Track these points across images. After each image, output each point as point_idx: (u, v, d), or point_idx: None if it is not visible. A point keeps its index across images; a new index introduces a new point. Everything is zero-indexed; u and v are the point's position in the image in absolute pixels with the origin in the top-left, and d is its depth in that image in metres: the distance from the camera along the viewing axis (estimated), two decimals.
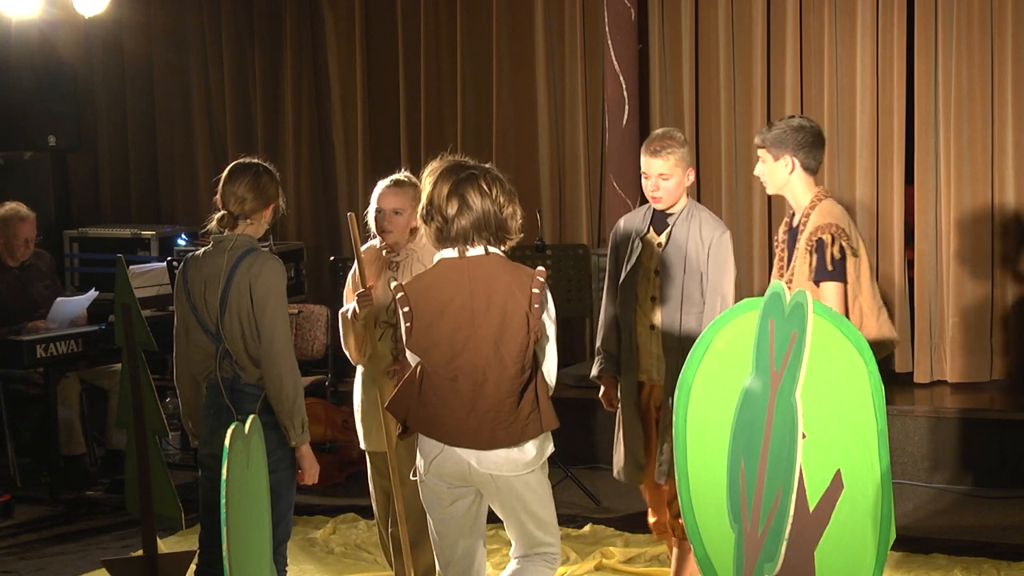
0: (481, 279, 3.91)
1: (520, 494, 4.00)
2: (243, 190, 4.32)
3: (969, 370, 7.35)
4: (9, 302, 7.00)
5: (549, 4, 8.15)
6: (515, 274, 3.94)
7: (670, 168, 4.69)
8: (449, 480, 3.99)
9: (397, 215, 4.74)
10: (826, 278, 4.30)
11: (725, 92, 7.74)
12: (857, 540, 2.94)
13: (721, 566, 3.23)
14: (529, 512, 4.04)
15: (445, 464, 3.98)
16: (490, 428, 3.93)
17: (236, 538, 3.02)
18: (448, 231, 3.90)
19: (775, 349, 3.05)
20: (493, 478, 3.96)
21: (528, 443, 3.96)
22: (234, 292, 4.21)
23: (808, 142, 4.45)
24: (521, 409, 3.94)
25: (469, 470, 3.96)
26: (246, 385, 4.23)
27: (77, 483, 6.99)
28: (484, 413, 3.92)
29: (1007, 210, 7.28)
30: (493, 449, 3.94)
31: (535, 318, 3.90)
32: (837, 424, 2.96)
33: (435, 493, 4.03)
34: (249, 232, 4.33)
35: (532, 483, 4.01)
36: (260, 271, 4.20)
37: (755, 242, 7.74)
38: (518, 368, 3.91)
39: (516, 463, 3.96)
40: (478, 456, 3.95)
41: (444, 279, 3.95)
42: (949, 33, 7.28)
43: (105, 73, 9.32)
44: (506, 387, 3.91)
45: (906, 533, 5.68)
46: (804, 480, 2.99)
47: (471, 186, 3.90)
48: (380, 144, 8.65)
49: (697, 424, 3.29)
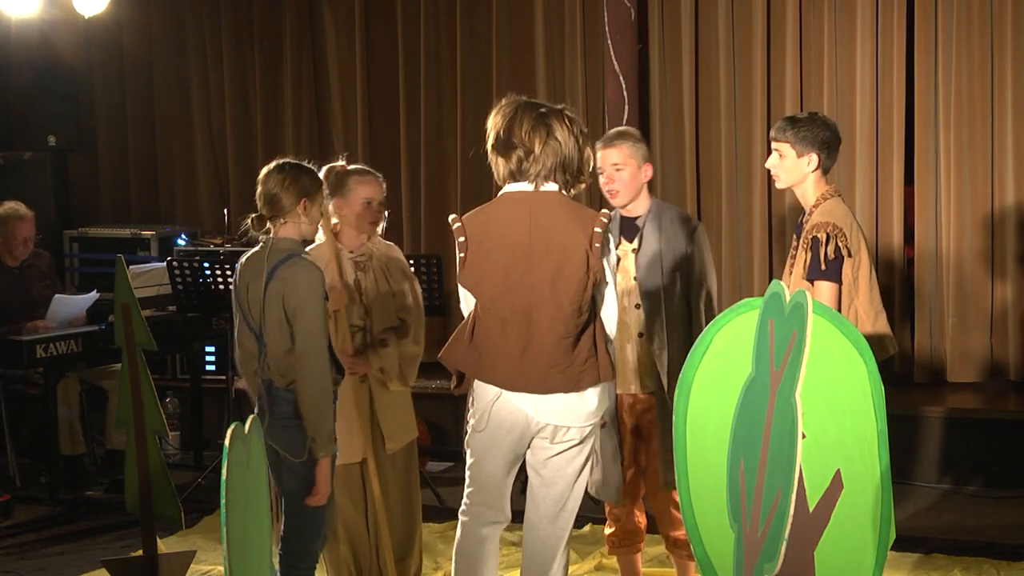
0: (542, 214, 3.79)
1: (577, 458, 3.87)
2: (265, 189, 4.20)
3: (969, 370, 7.35)
4: (9, 302, 7.00)
5: (549, 4, 8.15)
6: (577, 213, 3.82)
7: (623, 159, 4.65)
8: (503, 428, 3.84)
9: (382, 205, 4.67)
10: (819, 277, 4.27)
11: (725, 92, 7.74)
12: (857, 540, 2.94)
13: (721, 566, 3.23)
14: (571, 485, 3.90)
15: (503, 411, 3.84)
16: (544, 371, 3.78)
17: (236, 538, 3.02)
18: (528, 167, 3.79)
19: (775, 349, 3.05)
20: (555, 430, 3.82)
21: (588, 391, 3.83)
22: (270, 299, 4.12)
23: (832, 142, 4.42)
24: (578, 353, 3.80)
25: (527, 421, 3.82)
26: (279, 389, 4.17)
27: (77, 483, 6.99)
28: (539, 355, 3.78)
29: (1007, 210, 7.28)
30: (549, 393, 3.80)
31: (595, 258, 3.77)
32: (837, 424, 2.96)
33: (494, 441, 3.87)
34: (288, 233, 4.18)
35: (590, 441, 3.89)
36: (294, 282, 4.08)
37: (755, 242, 7.73)
38: (574, 308, 3.78)
39: (578, 412, 3.83)
40: (535, 405, 3.81)
41: (504, 212, 3.83)
42: (949, 33, 7.28)
43: (105, 73, 9.31)
44: (561, 328, 3.78)
45: (906, 533, 5.67)
46: (804, 480, 2.99)
47: (557, 120, 3.80)
48: (380, 144, 8.65)
49: (697, 424, 3.29)
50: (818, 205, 4.39)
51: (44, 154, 8.72)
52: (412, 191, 8.49)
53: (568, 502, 3.99)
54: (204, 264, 6.88)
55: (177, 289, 6.89)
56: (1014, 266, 7.28)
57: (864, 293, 4.31)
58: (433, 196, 8.46)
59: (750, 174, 7.72)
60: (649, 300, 4.64)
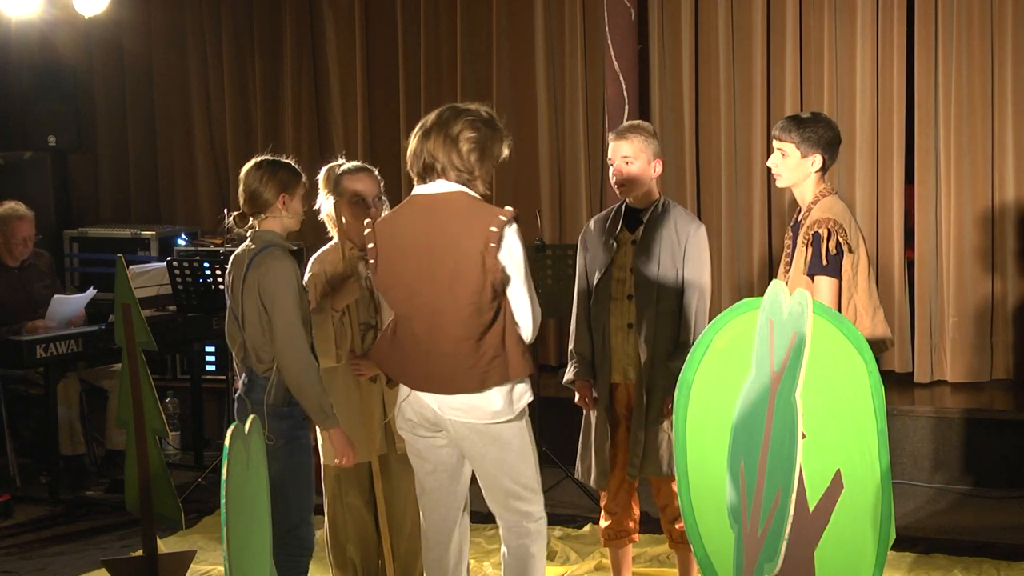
0: (442, 216, 3.85)
1: (490, 446, 3.91)
2: (245, 185, 4.38)
3: (969, 370, 7.35)
4: (9, 302, 7.00)
5: (549, 4, 8.15)
6: (478, 212, 3.85)
7: (634, 151, 4.67)
8: (417, 424, 3.96)
9: (381, 200, 4.67)
10: (820, 272, 4.28)
11: (725, 92, 7.74)
12: (857, 540, 2.94)
13: (721, 566, 3.23)
14: (505, 469, 3.94)
15: (410, 408, 3.96)
16: (449, 372, 3.85)
17: (236, 538, 3.02)
18: (411, 165, 3.94)
19: (775, 349, 3.05)
20: (462, 426, 3.90)
21: (493, 390, 3.87)
22: (248, 288, 4.27)
23: (835, 143, 4.43)
24: (482, 354, 3.84)
25: (436, 416, 3.92)
26: (257, 376, 4.31)
27: (77, 483, 6.99)
28: (442, 356, 3.85)
29: (1007, 210, 7.28)
30: (453, 394, 3.87)
31: (491, 258, 3.79)
32: (837, 424, 2.96)
33: (409, 443, 4.03)
34: (271, 227, 4.35)
35: (506, 435, 3.92)
36: (267, 270, 4.23)
37: (755, 242, 7.74)
38: (473, 309, 3.81)
39: (482, 411, 3.88)
40: (440, 402, 3.89)
41: (407, 215, 3.92)
42: (949, 33, 7.28)
43: (105, 73, 9.32)
44: (461, 330, 3.83)
45: (906, 533, 5.68)
46: (804, 480, 2.99)
47: (457, 119, 3.92)
48: (380, 144, 8.65)
49: (697, 424, 3.29)
50: (816, 202, 4.39)
51: (44, 154, 8.72)
52: (411, 191, 8.47)
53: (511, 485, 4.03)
54: (204, 264, 6.89)
55: (177, 289, 6.90)
56: (1014, 266, 7.28)
57: (863, 289, 4.32)
58: None
59: (750, 174, 7.72)
60: (642, 294, 4.66)
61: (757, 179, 7.66)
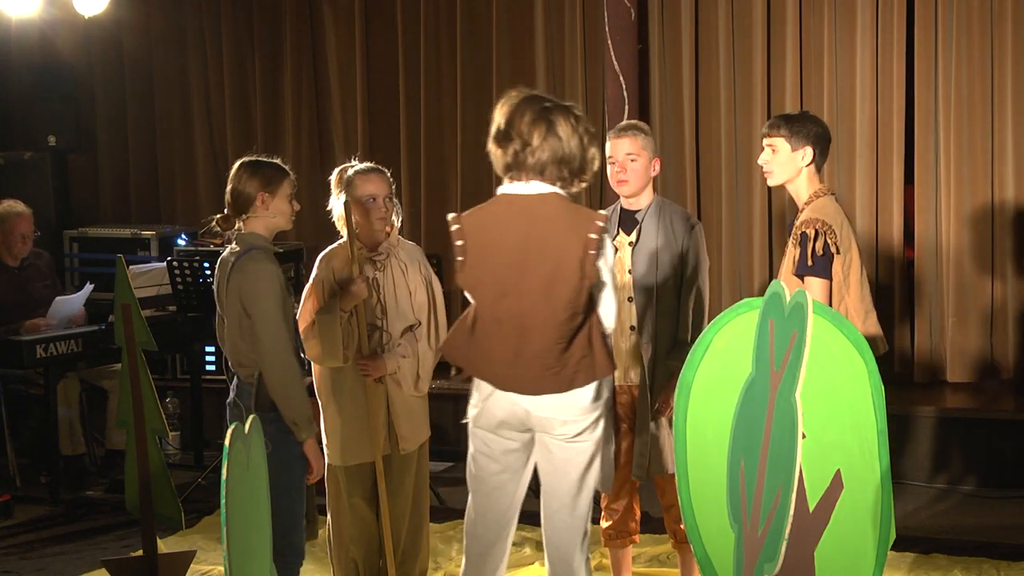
0: (539, 219, 3.74)
1: (583, 444, 3.83)
2: (230, 187, 4.35)
3: (969, 370, 7.35)
4: (9, 302, 7.00)
5: (549, 4, 8.15)
6: (574, 217, 3.76)
7: (637, 149, 4.68)
8: (504, 421, 3.84)
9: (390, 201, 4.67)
10: (807, 272, 4.27)
11: (725, 92, 7.75)
12: (857, 540, 2.94)
13: (721, 566, 3.24)
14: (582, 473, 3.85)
15: (497, 405, 3.84)
16: (537, 374, 3.77)
17: (236, 538, 3.02)
18: (524, 159, 3.73)
19: (775, 349, 3.06)
20: (548, 423, 3.79)
21: (583, 388, 3.80)
22: (231, 292, 4.24)
23: (825, 139, 4.45)
24: (571, 355, 3.77)
25: (526, 415, 3.82)
26: (242, 381, 4.28)
27: (77, 483, 6.99)
28: (531, 359, 3.76)
29: (1007, 210, 7.28)
30: (539, 395, 3.78)
31: (590, 264, 3.72)
32: (837, 424, 2.96)
33: (484, 441, 3.89)
34: (254, 228, 4.31)
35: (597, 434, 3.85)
36: (247, 274, 4.19)
37: (755, 242, 7.74)
38: (568, 314, 3.74)
39: (571, 406, 3.80)
40: (531, 400, 3.80)
41: (502, 215, 3.78)
42: (949, 33, 7.28)
43: (105, 73, 9.32)
44: (554, 333, 3.75)
45: (906, 533, 5.68)
46: (804, 480, 2.99)
47: (562, 116, 3.73)
48: (380, 144, 8.65)
49: (697, 424, 3.29)
50: (810, 202, 4.40)
51: (44, 154, 8.72)
52: (412, 190, 8.50)
53: (582, 493, 3.95)
54: (204, 264, 6.88)
55: (177, 289, 6.90)
56: (1013, 266, 7.28)
57: (855, 291, 4.31)
58: (433, 195, 8.47)
59: (750, 174, 7.72)
60: (642, 295, 4.67)
61: (757, 179, 7.66)
